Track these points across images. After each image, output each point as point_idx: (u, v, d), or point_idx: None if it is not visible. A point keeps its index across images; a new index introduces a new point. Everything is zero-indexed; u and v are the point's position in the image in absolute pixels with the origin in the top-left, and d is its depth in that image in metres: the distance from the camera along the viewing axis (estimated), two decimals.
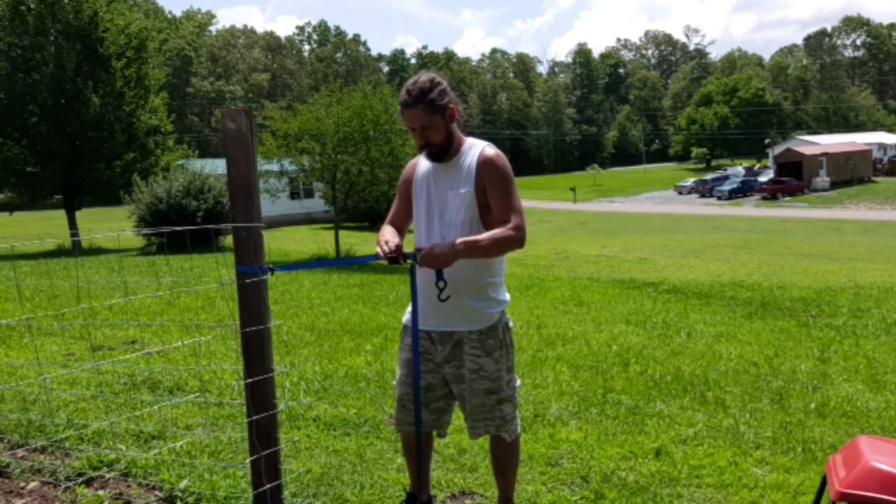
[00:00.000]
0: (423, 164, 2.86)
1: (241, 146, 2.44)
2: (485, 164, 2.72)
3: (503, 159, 2.75)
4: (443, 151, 2.73)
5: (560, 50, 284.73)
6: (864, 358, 6.18)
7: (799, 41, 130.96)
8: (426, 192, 2.81)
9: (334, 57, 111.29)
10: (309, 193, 38.51)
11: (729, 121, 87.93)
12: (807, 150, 58.47)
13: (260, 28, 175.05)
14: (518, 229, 2.66)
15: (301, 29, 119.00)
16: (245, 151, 2.45)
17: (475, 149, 2.77)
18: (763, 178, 58.51)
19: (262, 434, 2.54)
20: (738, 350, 6.45)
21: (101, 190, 28.38)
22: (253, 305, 2.50)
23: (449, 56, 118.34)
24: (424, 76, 2.70)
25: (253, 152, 2.47)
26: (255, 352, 2.52)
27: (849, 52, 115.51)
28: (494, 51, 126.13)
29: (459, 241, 2.60)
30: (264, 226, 2.52)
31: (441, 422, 2.93)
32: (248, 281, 2.49)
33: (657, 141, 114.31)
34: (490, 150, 2.76)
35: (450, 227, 2.73)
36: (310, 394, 4.79)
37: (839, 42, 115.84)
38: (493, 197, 2.70)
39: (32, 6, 26.09)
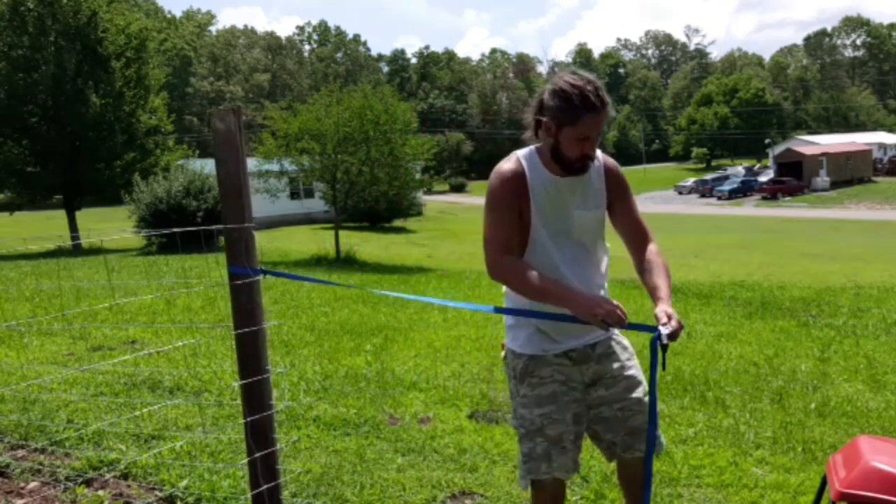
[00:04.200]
0: (533, 174, 2.32)
1: (230, 146, 2.41)
2: (612, 175, 2.41)
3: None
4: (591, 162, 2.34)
5: (562, 50, 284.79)
6: (864, 358, 6.17)
7: (800, 41, 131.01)
8: (550, 209, 2.33)
9: (334, 57, 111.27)
10: (309, 193, 38.42)
11: (729, 121, 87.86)
12: (807, 150, 58.43)
13: (262, 28, 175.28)
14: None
15: (301, 29, 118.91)
16: (234, 151, 2.41)
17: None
18: (763, 178, 58.43)
19: (259, 435, 2.52)
20: (738, 350, 6.45)
21: (102, 190, 28.40)
22: (246, 306, 2.48)
23: (450, 56, 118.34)
24: (588, 75, 2.24)
25: (242, 152, 2.44)
26: (250, 352, 2.50)
27: (849, 53, 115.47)
28: (494, 51, 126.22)
29: (664, 300, 2.34)
30: (255, 226, 2.49)
31: (580, 461, 2.48)
32: (239, 282, 2.46)
33: (657, 141, 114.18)
34: (608, 157, 2.44)
35: (580, 249, 2.39)
36: (310, 394, 4.79)
37: (839, 42, 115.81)
38: (626, 207, 2.43)
39: (32, 6, 26.10)
